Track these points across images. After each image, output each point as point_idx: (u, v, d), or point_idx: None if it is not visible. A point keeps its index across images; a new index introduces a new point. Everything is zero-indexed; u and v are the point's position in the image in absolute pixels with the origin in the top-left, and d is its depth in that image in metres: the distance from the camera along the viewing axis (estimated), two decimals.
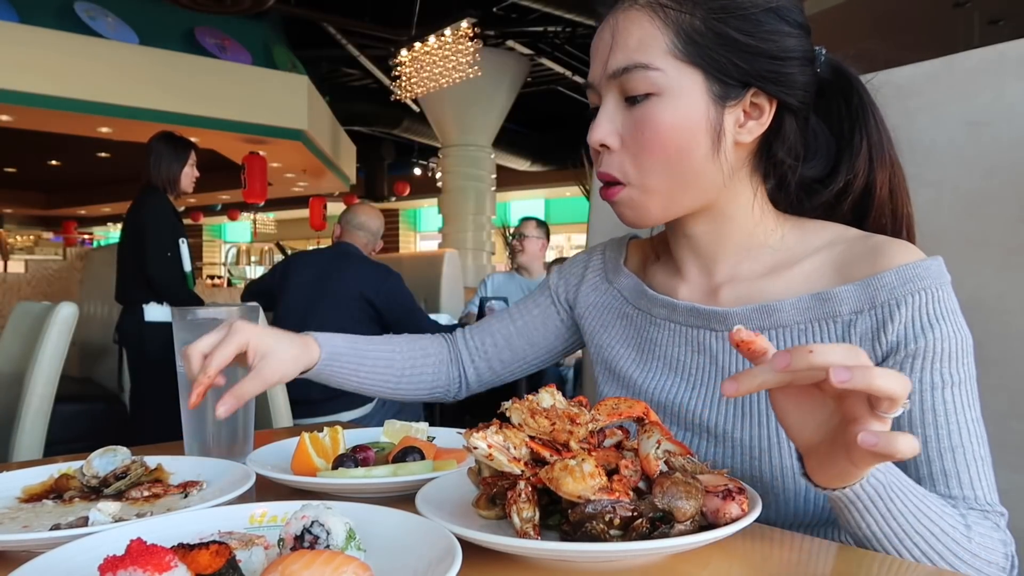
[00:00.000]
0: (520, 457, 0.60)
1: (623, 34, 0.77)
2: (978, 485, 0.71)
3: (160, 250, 3.09)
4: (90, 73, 6.42)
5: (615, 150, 0.80)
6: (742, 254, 0.85)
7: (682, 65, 0.76)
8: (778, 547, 0.64)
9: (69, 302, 1.87)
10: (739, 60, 0.76)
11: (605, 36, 0.80)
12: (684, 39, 0.75)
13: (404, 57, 8.40)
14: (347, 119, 10.56)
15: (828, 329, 0.77)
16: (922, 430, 0.72)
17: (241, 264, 14.76)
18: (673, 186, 0.79)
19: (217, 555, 0.48)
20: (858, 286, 0.75)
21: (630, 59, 0.77)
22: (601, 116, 0.80)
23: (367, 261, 3.02)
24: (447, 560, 0.51)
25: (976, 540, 0.66)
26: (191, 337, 0.95)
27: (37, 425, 1.79)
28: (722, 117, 0.77)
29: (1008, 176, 0.90)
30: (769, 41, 0.76)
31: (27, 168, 14.59)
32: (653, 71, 0.75)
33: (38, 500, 0.78)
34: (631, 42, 0.77)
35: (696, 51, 0.75)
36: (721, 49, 0.76)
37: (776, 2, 0.77)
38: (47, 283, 5.30)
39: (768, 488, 0.77)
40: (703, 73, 0.76)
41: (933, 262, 0.74)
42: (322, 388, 1.01)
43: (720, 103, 0.77)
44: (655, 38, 0.76)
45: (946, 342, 0.72)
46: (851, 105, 0.85)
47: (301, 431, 0.90)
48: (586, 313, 1.00)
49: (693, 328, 0.85)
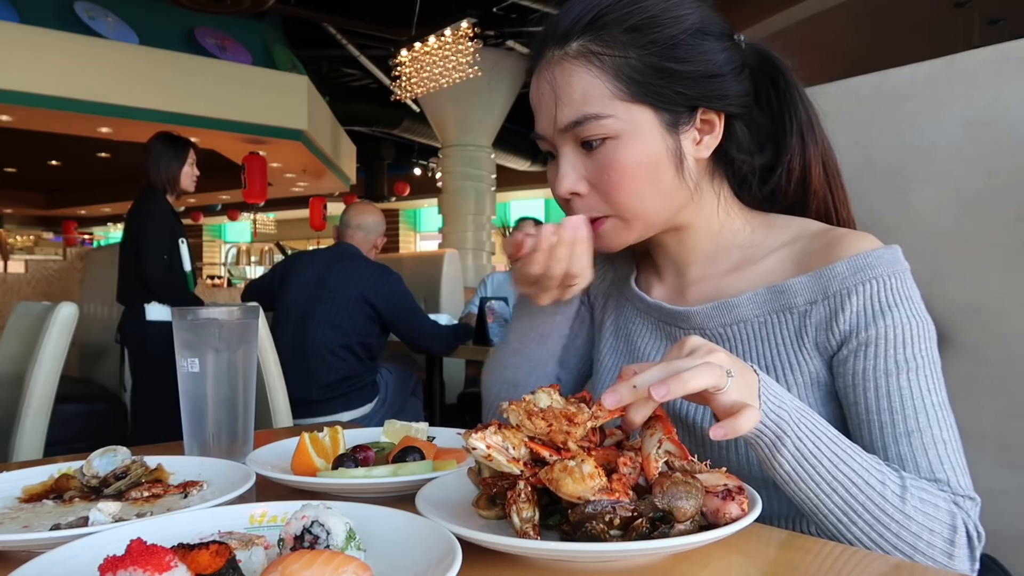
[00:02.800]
0: (519, 457, 0.61)
1: (565, 89, 0.78)
2: (941, 470, 0.71)
3: (155, 254, 3.11)
4: (90, 73, 6.42)
5: (585, 194, 0.82)
6: (712, 256, 0.87)
7: (630, 105, 0.77)
8: (778, 547, 0.64)
9: (69, 302, 1.87)
10: (682, 88, 0.78)
11: (545, 91, 0.80)
12: (626, 80, 0.77)
13: (404, 57, 8.40)
14: (347, 119, 10.55)
15: (784, 321, 0.79)
16: (878, 417, 0.72)
17: (241, 264, 14.76)
18: (648, 211, 0.82)
19: (217, 555, 0.48)
20: (811, 277, 0.77)
21: (578, 112, 0.78)
22: (564, 167, 0.81)
23: (367, 261, 3.02)
24: (447, 560, 0.51)
25: (912, 503, 0.66)
26: (191, 337, 0.95)
27: (37, 425, 1.79)
28: (679, 142, 0.80)
29: (1008, 176, 0.90)
30: (704, 62, 0.78)
31: (27, 168, 14.58)
32: (605, 119, 0.77)
33: (38, 500, 0.78)
34: (575, 95, 0.78)
35: (640, 89, 0.77)
36: (663, 82, 0.77)
37: (700, 22, 0.78)
38: (47, 283, 5.30)
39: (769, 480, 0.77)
40: (651, 108, 0.78)
41: (887, 251, 0.76)
42: (322, 388, 1.01)
43: (674, 130, 0.79)
44: (596, 87, 0.77)
45: (900, 328, 0.73)
46: (778, 86, 0.86)
47: (301, 431, 0.90)
48: (595, 301, 1.02)
49: (664, 324, 0.89)
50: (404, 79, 8.61)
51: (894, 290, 0.74)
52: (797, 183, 0.87)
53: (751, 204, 0.89)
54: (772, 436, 0.66)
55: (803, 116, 0.86)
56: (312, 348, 2.84)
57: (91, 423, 3.47)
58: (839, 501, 0.67)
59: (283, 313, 2.96)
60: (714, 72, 0.79)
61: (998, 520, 0.92)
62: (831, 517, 0.68)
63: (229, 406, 0.96)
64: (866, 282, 0.74)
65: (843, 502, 0.67)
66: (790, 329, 0.79)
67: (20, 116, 6.76)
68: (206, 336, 0.95)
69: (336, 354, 2.85)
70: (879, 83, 1.03)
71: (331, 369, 2.84)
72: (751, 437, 0.67)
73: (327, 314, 2.86)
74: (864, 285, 0.74)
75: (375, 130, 12.30)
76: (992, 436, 0.93)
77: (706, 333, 0.84)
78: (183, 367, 0.95)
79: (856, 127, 1.03)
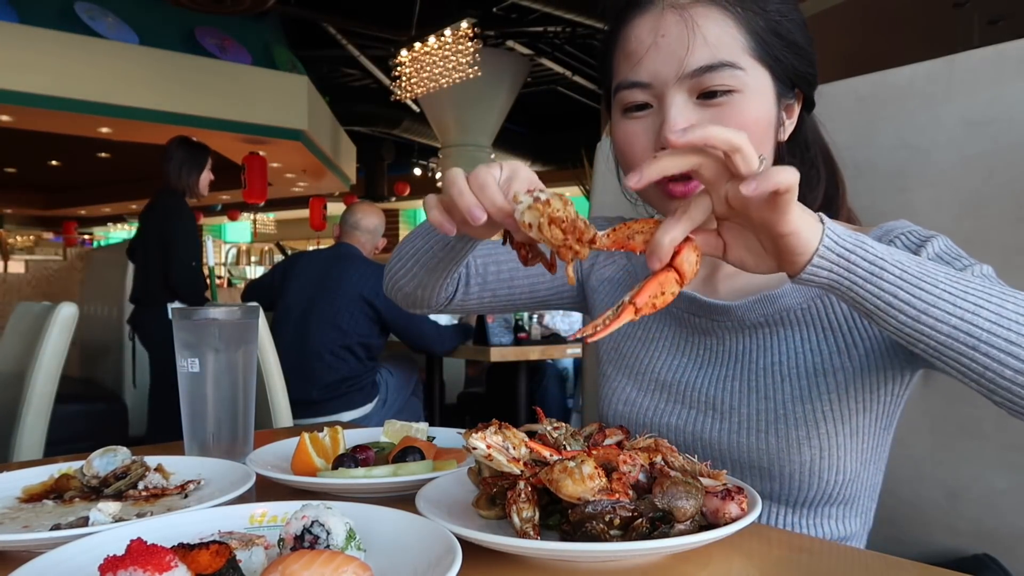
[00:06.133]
0: (519, 457, 0.61)
1: (701, 31, 0.75)
2: None
3: (187, 260, 3.19)
4: (90, 73, 6.42)
5: None
6: None
7: (756, 63, 0.77)
8: (778, 547, 0.64)
9: (69, 302, 1.87)
10: (795, 61, 0.79)
11: (671, 31, 0.75)
12: (757, 38, 0.76)
13: (404, 57, 8.40)
14: (347, 119, 10.56)
15: (831, 302, 0.79)
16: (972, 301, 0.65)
17: (241, 264, 14.75)
18: None
19: (217, 555, 0.48)
20: None
21: (716, 57, 0.74)
22: (674, 114, 0.75)
23: (367, 262, 3.03)
24: (447, 560, 0.51)
25: None
26: (191, 337, 0.95)
27: (37, 425, 1.79)
28: (780, 115, 0.81)
29: (1008, 176, 0.90)
30: (810, 44, 0.81)
31: (27, 168, 14.57)
32: (738, 70, 0.75)
33: (38, 500, 0.78)
34: (710, 39, 0.75)
35: (767, 50, 0.77)
36: (785, 50, 0.78)
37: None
38: (47, 283, 5.31)
39: (774, 461, 0.78)
40: (770, 72, 0.78)
41: (897, 221, 0.79)
42: (322, 388, 1.01)
43: (778, 102, 0.80)
44: (732, 35, 0.76)
45: (943, 246, 0.74)
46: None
47: (301, 431, 0.90)
48: (599, 287, 1.01)
49: (693, 316, 0.87)
50: (404, 79, 8.62)
51: (921, 232, 0.76)
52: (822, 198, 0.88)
53: None
54: (840, 255, 0.59)
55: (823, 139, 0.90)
56: (312, 348, 2.84)
57: (91, 423, 3.47)
58: (968, 316, 0.59)
59: (283, 313, 2.96)
60: (813, 57, 0.82)
61: (998, 520, 0.92)
62: (993, 341, 0.59)
63: (229, 406, 0.96)
64: (895, 238, 0.76)
65: (994, 314, 0.59)
66: (836, 310, 0.79)
67: (20, 116, 6.76)
68: (206, 336, 0.95)
69: (336, 354, 2.85)
70: (879, 83, 1.03)
71: (331, 369, 2.84)
72: (816, 272, 0.60)
73: (327, 314, 2.86)
74: (895, 240, 0.76)
75: (375, 130, 12.31)
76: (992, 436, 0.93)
77: (746, 327, 0.83)
78: (183, 367, 0.95)
79: (856, 127, 1.02)
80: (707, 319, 0.86)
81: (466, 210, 0.63)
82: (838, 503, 0.79)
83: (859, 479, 0.80)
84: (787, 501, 0.80)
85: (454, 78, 8.21)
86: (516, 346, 3.11)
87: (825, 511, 0.80)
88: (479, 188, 0.64)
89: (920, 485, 0.98)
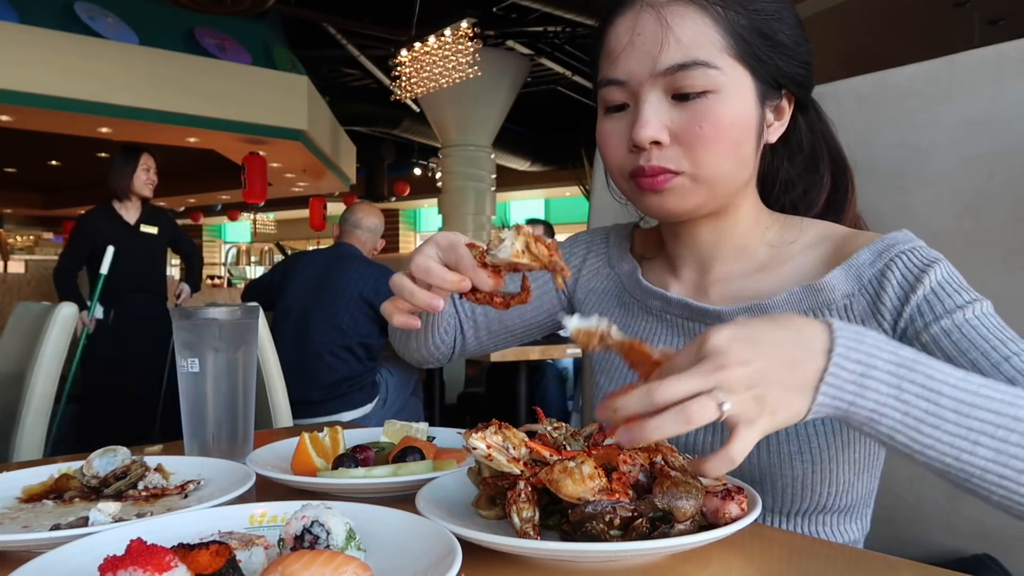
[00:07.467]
0: (519, 457, 0.61)
1: (675, 30, 0.74)
2: None
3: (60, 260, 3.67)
4: (90, 73, 6.41)
5: (666, 145, 0.77)
6: (738, 253, 0.86)
7: (734, 63, 0.76)
8: (778, 547, 0.64)
9: (69, 302, 1.87)
10: (780, 60, 0.78)
11: (647, 29, 0.75)
12: (735, 36, 0.75)
13: (404, 57, 8.39)
14: (347, 119, 10.55)
15: (821, 316, 0.77)
16: (969, 356, 0.69)
17: (241, 264, 14.75)
18: (723, 175, 0.78)
19: (217, 555, 0.48)
20: (843, 269, 0.77)
21: (688, 56, 0.74)
22: (647, 113, 0.75)
23: (367, 262, 3.02)
24: (447, 560, 0.51)
25: None
26: (191, 337, 0.95)
27: (37, 425, 1.79)
28: (764, 116, 0.79)
29: (1008, 176, 0.90)
30: (800, 45, 0.79)
31: (27, 168, 14.56)
32: (712, 69, 0.74)
33: (38, 500, 0.78)
34: (684, 39, 0.74)
35: (747, 49, 0.76)
36: (768, 49, 0.77)
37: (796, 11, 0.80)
38: (47, 283, 5.29)
39: (766, 475, 0.77)
40: (751, 72, 0.77)
41: (899, 232, 0.77)
42: (322, 388, 1.01)
43: (761, 102, 0.79)
44: (707, 35, 0.75)
45: (945, 275, 0.73)
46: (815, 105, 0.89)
47: (301, 431, 0.90)
48: (586, 299, 1.00)
49: (687, 321, 0.86)
50: (404, 79, 8.61)
51: (923, 254, 0.74)
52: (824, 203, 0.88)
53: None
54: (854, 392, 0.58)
55: (833, 143, 0.88)
56: (312, 348, 2.84)
57: None
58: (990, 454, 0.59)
59: (283, 313, 2.96)
60: (804, 58, 0.80)
61: (998, 519, 0.92)
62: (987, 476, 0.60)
63: (229, 406, 0.96)
64: (895, 258, 0.75)
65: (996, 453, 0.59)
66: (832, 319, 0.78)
67: (20, 116, 6.75)
68: (206, 336, 0.95)
69: (336, 354, 2.85)
70: (879, 83, 1.03)
71: (331, 369, 2.84)
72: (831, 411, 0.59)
73: (327, 314, 2.86)
74: (895, 261, 0.75)
75: (375, 130, 12.30)
76: None
77: None
78: (183, 367, 0.95)
79: (856, 127, 1.02)
80: (700, 324, 0.85)
81: (425, 307, 0.70)
82: (833, 512, 0.79)
83: (853, 489, 0.79)
84: (781, 512, 0.79)
85: (454, 78, 8.21)
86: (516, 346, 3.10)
87: (820, 519, 0.79)
88: (425, 275, 0.69)
89: (920, 485, 0.98)
